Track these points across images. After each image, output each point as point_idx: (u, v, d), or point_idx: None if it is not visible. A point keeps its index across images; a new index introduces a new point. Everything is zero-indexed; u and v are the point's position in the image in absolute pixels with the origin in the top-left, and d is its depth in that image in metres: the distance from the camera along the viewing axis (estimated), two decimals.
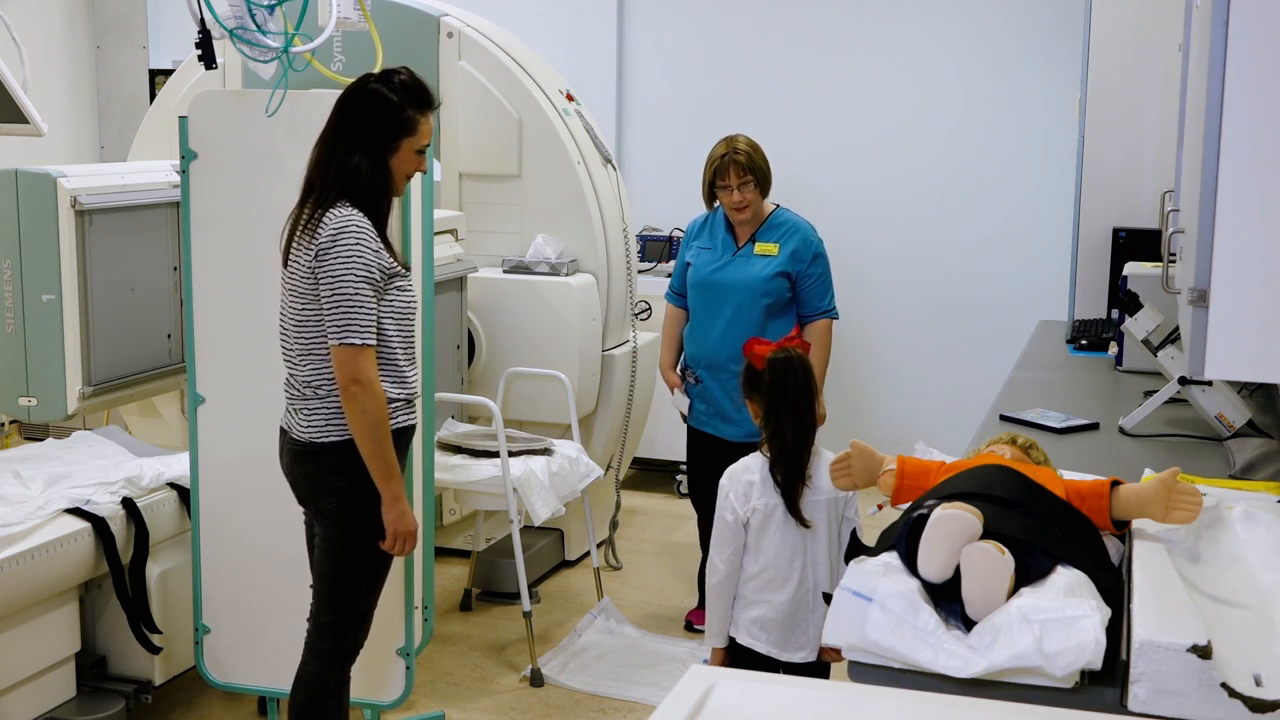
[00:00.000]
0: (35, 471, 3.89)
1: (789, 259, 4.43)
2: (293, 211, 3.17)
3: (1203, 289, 2.06)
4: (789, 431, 3.15)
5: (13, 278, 3.96)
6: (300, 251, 3.09)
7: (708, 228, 4.62)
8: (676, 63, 6.98)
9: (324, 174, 3.10)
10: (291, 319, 3.16)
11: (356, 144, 3.10)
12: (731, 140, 4.50)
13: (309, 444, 3.14)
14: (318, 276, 3.05)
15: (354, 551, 3.20)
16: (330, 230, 3.04)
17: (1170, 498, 2.28)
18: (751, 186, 4.42)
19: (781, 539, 3.15)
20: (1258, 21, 1.99)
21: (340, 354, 3.04)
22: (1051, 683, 1.92)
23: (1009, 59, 6.53)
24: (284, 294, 3.18)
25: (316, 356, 3.12)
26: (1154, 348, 3.69)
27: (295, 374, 3.18)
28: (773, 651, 3.17)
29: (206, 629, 3.75)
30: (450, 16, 5.30)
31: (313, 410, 3.14)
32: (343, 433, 3.11)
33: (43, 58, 6.34)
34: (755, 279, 4.42)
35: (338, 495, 3.16)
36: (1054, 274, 6.31)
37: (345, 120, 3.12)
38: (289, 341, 3.18)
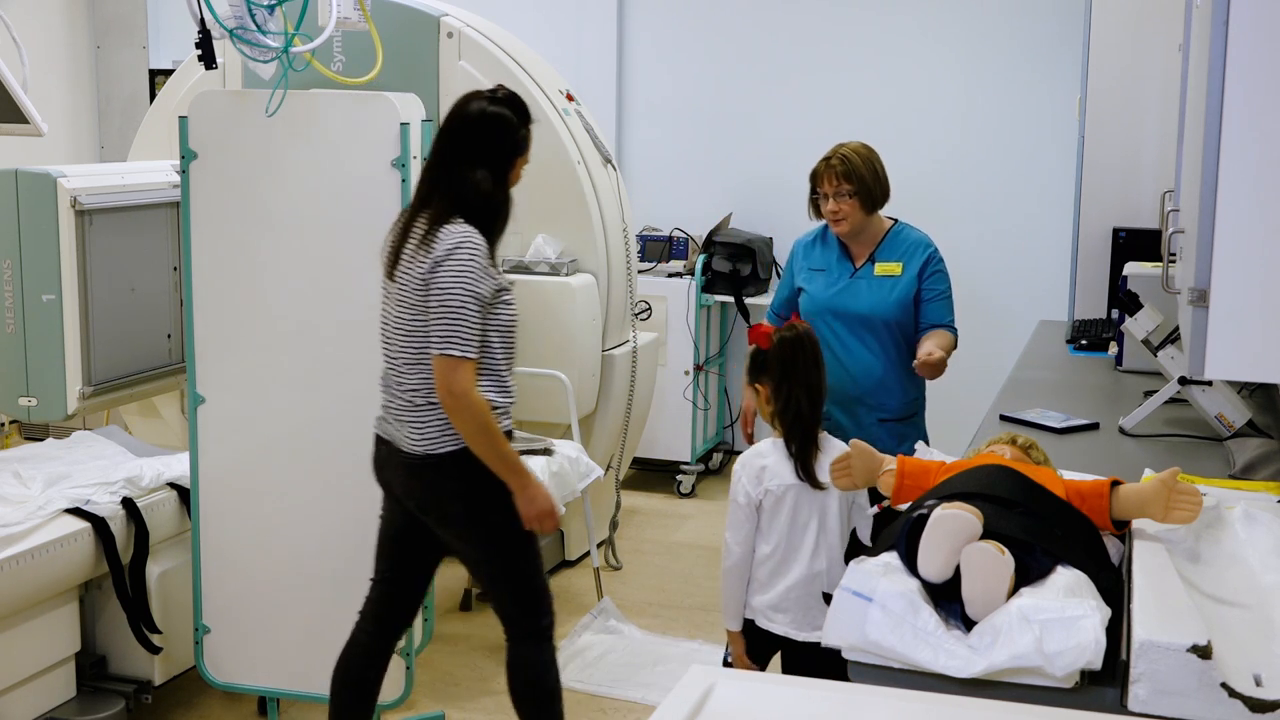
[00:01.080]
0: (35, 471, 3.89)
1: (915, 278, 3.95)
2: (397, 224, 3.24)
3: (1203, 289, 2.06)
4: (802, 399, 3.21)
5: (13, 278, 3.96)
6: (414, 263, 3.14)
7: (817, 247, 4.05)
8: (676, 63, 6.98)
9: (444, 190, 3.17)
10: (399, 329, 3.20)
11: (479, 163, 3.19)
12: (839, 146, 3.98)
13: (425, 457, 3.18)
14: (430, 293, 3.11)
15: (500, 543, 3.28)
16: (447, 244, 3.11)
17: (1170, 498, 2.28)
18: (849, 197, 3.87)
19: (792, 521, 3.19)
20: (1258, 21, 1.99)
21: (440, 364, 3.11)
22: (1051, 683, 1.92)
23: (1009, 59, 6.53)
24: (389, 304, 3.23)
25: (425, 366, 3.16)
26: (1154, 348, 3.69)
27: (401, 382, 3.21)
28: (790, 632, 3.21)
29: (206, 629, 3.75)
30: (450, 16, 5.30)
31: (424, 421, 3.18)
32: (455, 442, 3.17)
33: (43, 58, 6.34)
34: (885, 303, 3.90)
35: (462, 500, 3.22)
36: (1054, 274, 6.31)
37: (468, 140, 3.20)
38: (395, 351, 3.22)
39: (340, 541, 3.65)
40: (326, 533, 3.66)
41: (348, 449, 3.61)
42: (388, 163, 3.48)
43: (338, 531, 3.65)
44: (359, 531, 3.63)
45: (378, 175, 3.49)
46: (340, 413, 3.62)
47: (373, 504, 3.60)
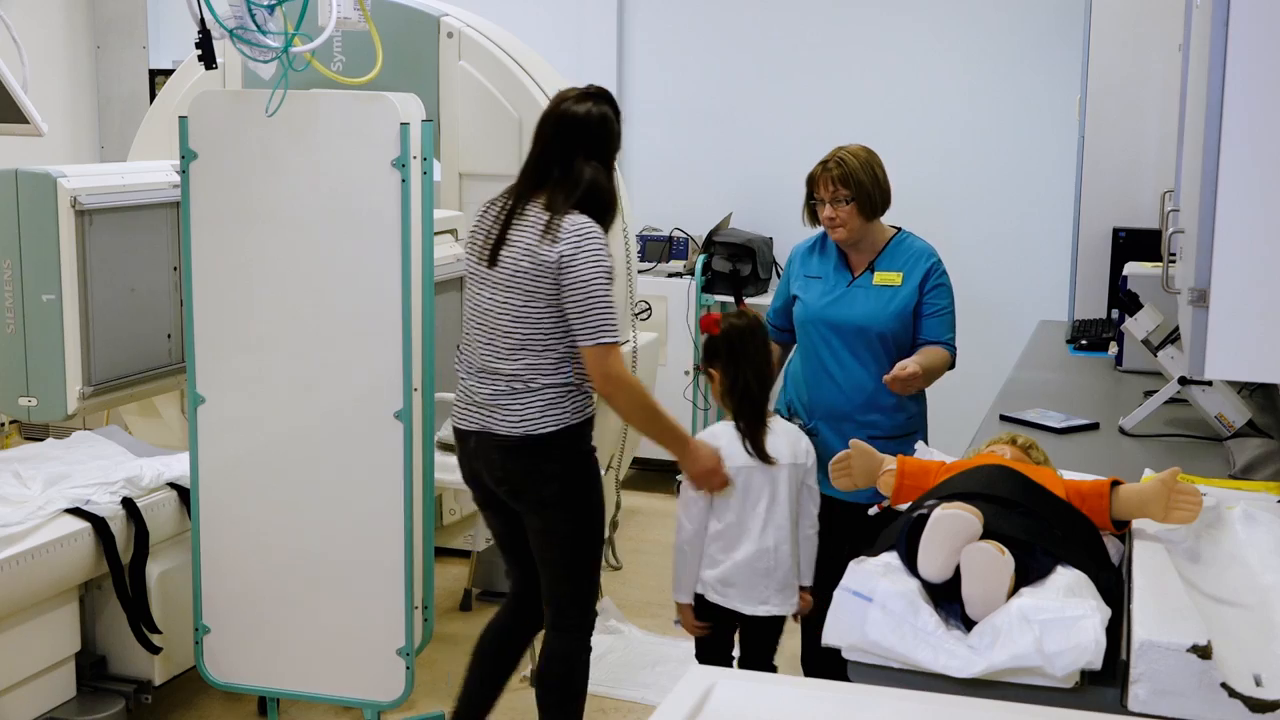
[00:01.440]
0: (35, 471, 3.89)
1: (915, 290, 3.71)
2: (490, 213, 3.39)
3: (1203, 289, 2.06)
4: (751, 380, 3.43)
5: (13, 278, 3.96)
6: (534, 252, 3.26)
7: (815, 254, 3.82)
8: (676, 63, 6.98)
9: (558, 183, 3.31)
10: (507, 314, 3.30)
11: (590, 157, 3.35)
12: (837, 150, 3.78)
13: (524, 437, 3.29)
14: (561, 280, 3.23)
15: (581, 530, 3.41)
16: (575, 236, 3.24)
17: (1170, 498, 2.28)
18: (845, 203, 3.64)
19: (744, 499, 3.36)
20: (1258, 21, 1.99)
21: (595, 353, 3.24)
22: (1051, 683, 1.92)
23: (1009, 59, 6.53)
24: (487, 290, 3.35)
25: (532, 352, 3.29)
26: (1154, 348, 3.69)
27: (502, 367, 3.32)
28: (738, 606, 3.38)
29: (207, 629, 3.75)
30: (450, 16, 5.30)
31: (524, 404, 3.30)
32: (556, 423, 3.29)
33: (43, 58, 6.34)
34: (882, 314, 3.66)
35: (558, 481, 3.35)
36: (1054, 274, 6.31)
37: (580, 137, 3.36)
38: (497, 336, 3.32)
39: (341, 541, 3.65)
40: (326, 533, 3.66)
41: (348, 449, 3.61)
42: (388, 163, 3.48)
43: (338, 531, 3.65)
44: (359, 531, 3.63)
45: (378, 175, 3.49)
46: (340, 412, 3.62)
47: (373, 502, 3.61)
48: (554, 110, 3.41)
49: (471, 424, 3.39)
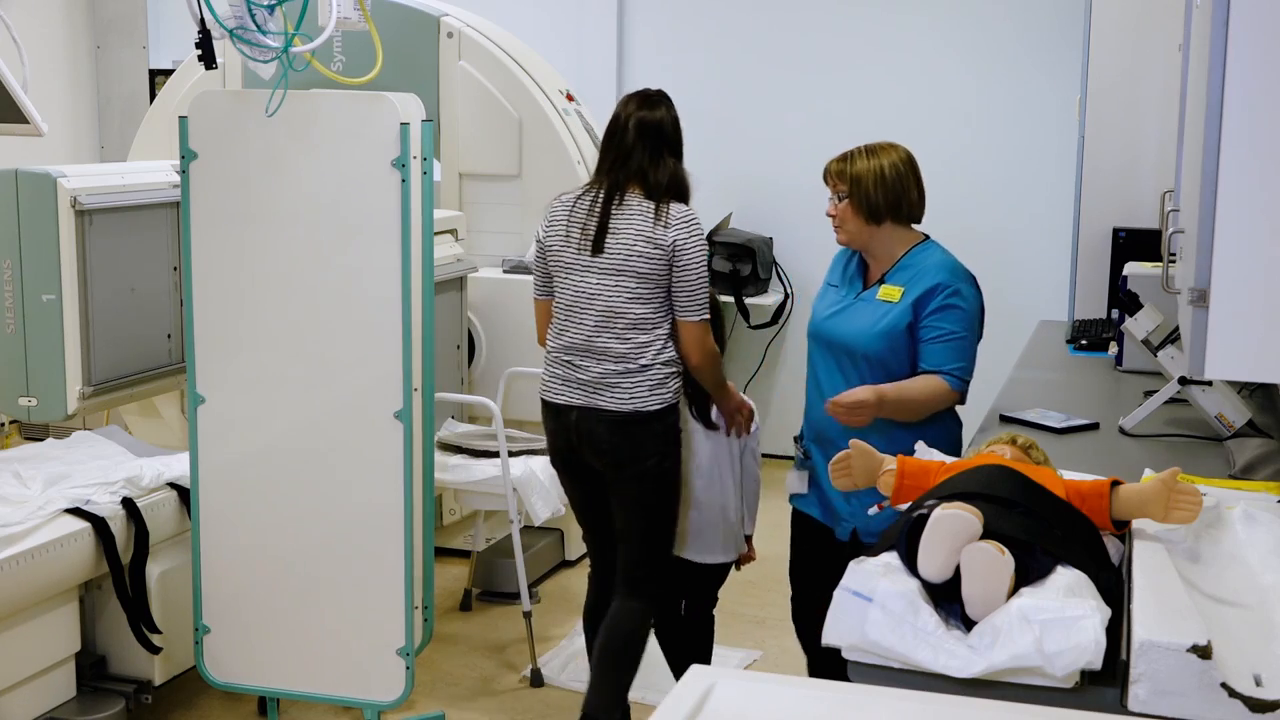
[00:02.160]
0: (35, 471, 3.89)
1: (909, 309, 3.36)
2: (583, 205, 3.62)
3: (1203, 289, 2.06)
4: None
5: (13, 278, 3.96)
6: (645, 238, 3.56)
7: (845, 261, 3.59)
8: (677, 62, 6.98)
9: (652, 179, 3.62)
10: (620, 296, 3.57)
11: (672, 155, 3.69)
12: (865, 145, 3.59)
13: (634, 413, 3.57)
14: (674, 263, 3.55)
15: (667, 503, 3.65)
16: (684, 223, 3.59)
17: (1170, 498, 2.28)
18: (842, 200, 3.44)
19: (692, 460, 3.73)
20: (1258, 21, 1.99)
21: (698, 328, 3.60)
22: (1051, 683, 1.92)
23: (1008, 59, 6.53)
24: (593, 277, 3.59)
25: (642, 331, 3.57)
26: (1154, 348, 3.69)
27: (614, 347, 3.58)
28: (687, 555, 3.80)
29: (207, 629, 3.76)
30: (450, 16, 5.31)
31: (634, 382, 3.57)
32: (660, 401, 3.60)
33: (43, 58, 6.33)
34: (868, 333, 3.38)
35: (658, 455, 3.61)
36: (1054, 274, 6.31)
37: (664, 137, 3.69)
38: (605, 319, 3.57)
39: (341, 541, 3.65)
40: (326, 533, 3.66)
41: (348, 449, 3.61)
42: (388, 163, 3.48)
43: (338, 531, 3.65)
44: (359, 531, 3.63)
45: (378, 175, 3.49)
46: (340, 412, 3.62)
47: (373, 502, 3.61)
48: (630, 116, 3.70)
49: (575, 400, 3.62)
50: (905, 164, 3.50)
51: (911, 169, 3.50)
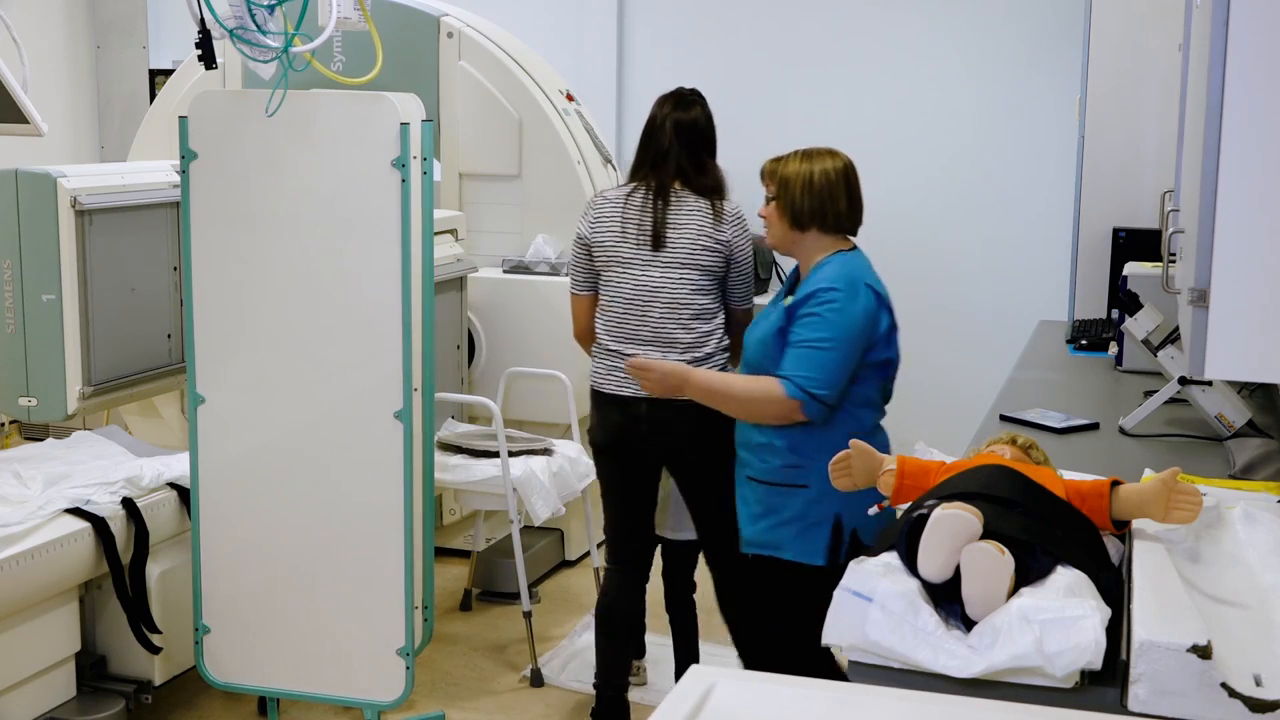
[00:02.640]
0: (35, 471, 3.89)
1: (784, 314, 3.32)
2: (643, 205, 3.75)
3: (1203, 289, 2.06)
4: None
5: (13, 278, 3.96)
6: (706, 234, 3.73)
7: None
8: (677, 63, 6.97)
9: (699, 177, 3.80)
10: (683, 288, 3.71)
11: (711, 153, 3.89)
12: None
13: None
14: (731, 257, 3.77)
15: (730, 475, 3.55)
16: (737, 221, 3.80)
17: (1170, 498, 2.28)
18: (769, 201, 3.44)
19: None
20: (1258, 21, 1.99)
21: (747, 314, 3.80)
22: (1051, 683, 1.92)
23: (1009, 59, 6.53)
24: (662, 270, 3.71)
25: (703, 320, 3.72)
26: (1154, 348, 3.69)
27: (680, 337, 3.71)
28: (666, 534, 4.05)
29: (207, 629, 3.76)
30: (450, 16, 5.31)
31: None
32: None
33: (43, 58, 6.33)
34: (750, 339, 3.44)
35: (720, 435, 3.56)
36: (1054, 274, 6.31)
37: (705, 137, 3.88)
38: (672, 310, 3.70)
39: (341, 541, 3.65)
40: (327, 533, 3.66)
41: (348, 449, 3.61)
42: (388, 163, 3.48)
43: (338, 531, 3.65)
44: (359, 531, 3.63)
45: (378, 175, 3.49)
46: (340, 412, 3.62)
47: (373, 502, 3.61)
48: (666, 117, 3.86)
49: (639, 391, 3.63)
50: (838, 173, 3.39)
51: (845, 178, 3.39)
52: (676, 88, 3.99)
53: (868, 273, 3.34)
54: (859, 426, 3.23)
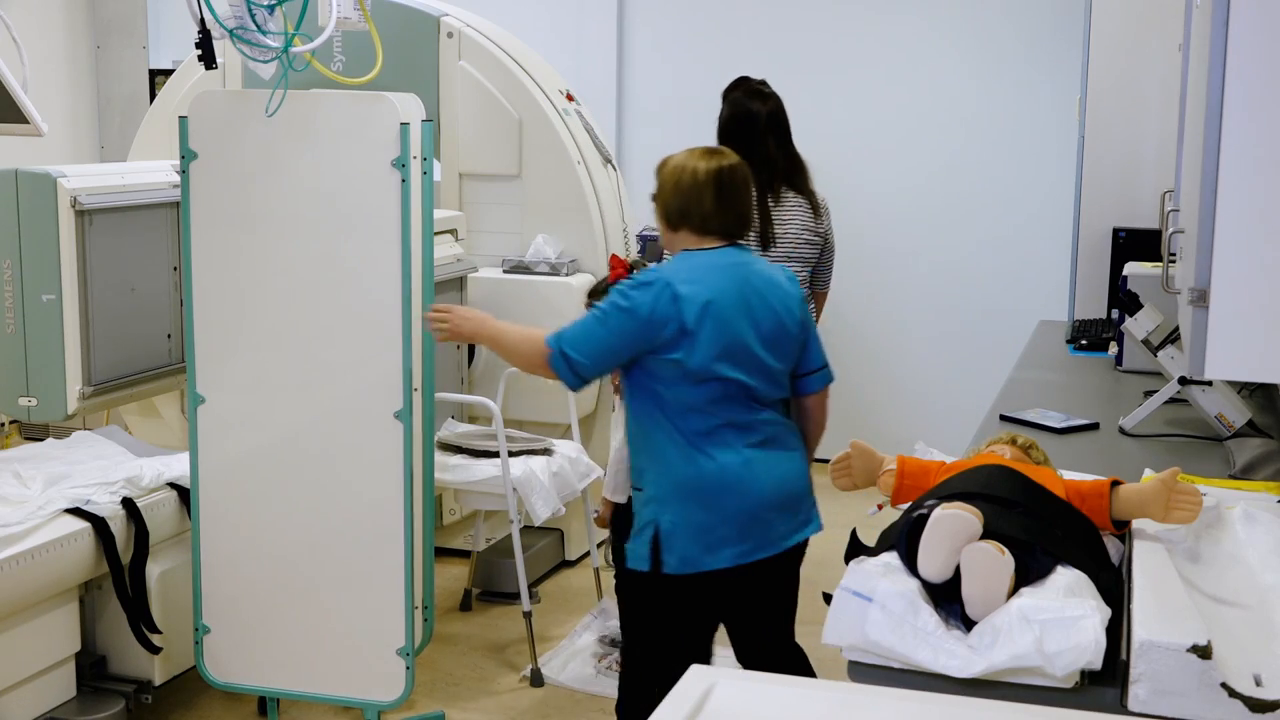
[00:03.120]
0: (35, 471, 3.89)
1: None
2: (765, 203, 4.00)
3: (1203, 289, 2.06)
4: None
5: (13, 278, 3.96)
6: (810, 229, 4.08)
7: None
8: (676, 63, 6.98)
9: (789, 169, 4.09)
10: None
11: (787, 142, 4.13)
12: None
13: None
14: (824, 247, 4.14)
15: None
16: (828, 211, 4.17)
17: (1170, 498, 2.28)
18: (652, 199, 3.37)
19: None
20: (1258, 21, 1.99)
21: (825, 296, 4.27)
22: (1051, 683, 1.92)
23: (1008, 59, 6.53)
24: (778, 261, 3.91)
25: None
26: (1154, 348, 3.69)
27: None
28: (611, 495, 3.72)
29: (207, 629, 3.76)
30: (450, 16, 5.31)
31: None
32: None
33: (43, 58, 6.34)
34: None
35: None
36: (1054, 274, 6.31)
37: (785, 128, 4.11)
38: None
39: (341, 541, 3.65)
40: (327, 532, 3.66)
41: (348, 449, 3.61)
42: (388, 163, 3.47)
43: (338, 531, 3.65)
44: (359, 531, 3.63)
45: (378, 175, 3.48)
46: (340, 412, 3.62)
47: (373, 502, 3.61)
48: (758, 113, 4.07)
49: None
50: (709, 174, 3.19)
51: (715, 180, 3.18)
52: (744, 78, 4.21)
53: (691, 273, 3.12)
54: (678, 433, 3.11)
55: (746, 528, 3.11)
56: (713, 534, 3.10)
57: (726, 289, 3.11)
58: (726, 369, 3.09)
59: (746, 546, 3.12)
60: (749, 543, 3.12)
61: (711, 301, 3.08)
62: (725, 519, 3.10)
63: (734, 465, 3.11)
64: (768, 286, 3.20)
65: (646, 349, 3.10)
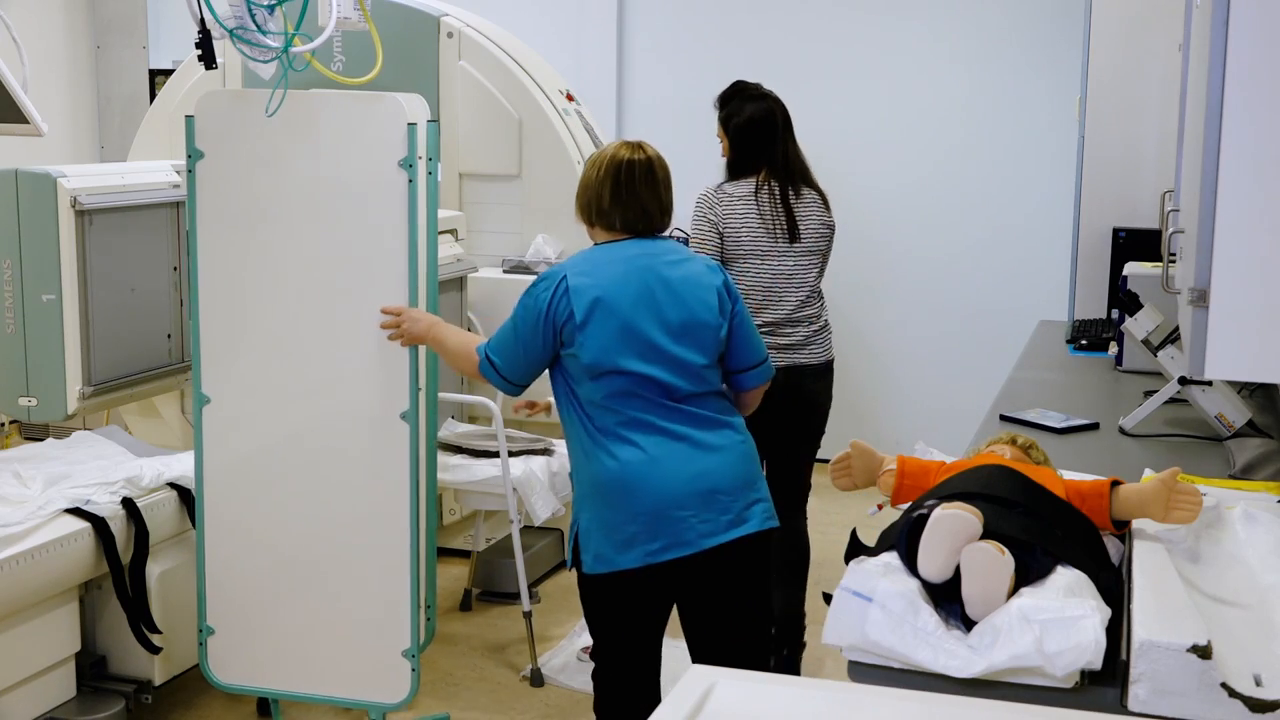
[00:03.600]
0: (35, 471, 3.89)
1: None
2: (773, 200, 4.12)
3: (1203, 289, 2.06)
4: None
5: (13, 278, 3.96)
6: (825, 223, 4.22)
7: None
8: (676, 63, 6.98)
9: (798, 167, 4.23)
10: (812, 273, 4.19)
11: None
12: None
13: (827, 362, 4.23)
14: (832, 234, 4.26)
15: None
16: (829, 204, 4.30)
17: (1170, 498, 2.28)
18: None
19: None
20: (1258, 21, 1.99)
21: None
22: (1051, 683, 1.92)
23: (1009, 59, 6.53)
24: (796, 258, 4.14)
25: (818, 297, 4.22)
26: (1154, 348, 3.69)
27: (808, 313, 4.16)
28: None
29: (211, 630, 3.75)
30: (450, 16, 5.31)
31: (821, 339, 4.20)
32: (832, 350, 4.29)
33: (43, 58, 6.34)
34: None
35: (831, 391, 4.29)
36: (1054, 274, 6.31)
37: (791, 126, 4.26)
38: (804, 292, 4.15)
39: (346, 542, 3.62)
40: (331, 534, 3.64)
41: (353, 450, 3.59)
42: (395, 163, 3.45)
43: (343, 532, 3.63)
44: (364, 532, 3.61)
45: (385, 176, 3.45)
46: (346, 413, 3.60)
47: (378, 503, 3.57)
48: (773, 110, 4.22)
49: (779, 362, 3.88)
50: (606, 168, 3.19)
51: (614, 174, 3.18)
52: (740, 82, 4.40)
53: (587, 266, 3.12)
54: (586, 431, 3.10)
55: (655, 526, 3.03)
56: (620, 532, 3.05)
57: (624, 281, 3.08)
58: (626, 362, 3.04)
59: (657, 545, 3.04)
60: (659, 541, 3.04)
61: (603, 294, 3.05)
62: (632, 517, 3.03)
63: (637, 462, 3.04)
64: (679, 278, 3.14)
65: (556, 344, 3.10)
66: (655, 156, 3.27)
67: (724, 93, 4.37)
